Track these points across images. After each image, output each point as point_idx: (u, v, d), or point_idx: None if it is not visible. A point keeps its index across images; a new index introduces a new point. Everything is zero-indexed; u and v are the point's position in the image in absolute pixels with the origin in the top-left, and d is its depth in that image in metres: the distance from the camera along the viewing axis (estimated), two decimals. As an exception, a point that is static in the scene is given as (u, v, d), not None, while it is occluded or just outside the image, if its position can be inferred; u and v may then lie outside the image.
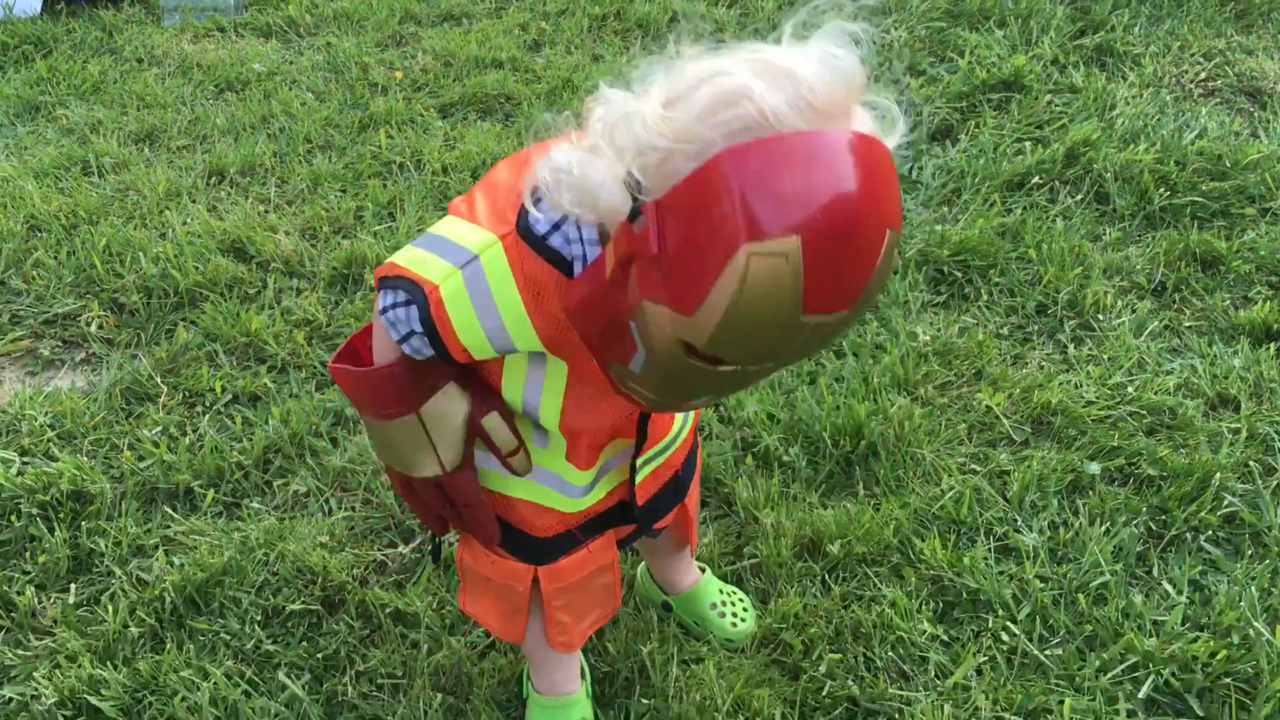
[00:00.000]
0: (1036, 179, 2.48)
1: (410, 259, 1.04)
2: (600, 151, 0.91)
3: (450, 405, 1.14)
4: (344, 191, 2.57)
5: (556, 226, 0.99)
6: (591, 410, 1.17)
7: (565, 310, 1.00)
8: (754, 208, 0.82)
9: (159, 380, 2.08)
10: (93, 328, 2.22)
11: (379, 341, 1.13)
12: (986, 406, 1.95)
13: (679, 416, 1.34)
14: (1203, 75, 2.82)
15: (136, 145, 2.75)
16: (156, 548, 1.75)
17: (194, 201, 2.53)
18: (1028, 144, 2.61)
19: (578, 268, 1.00)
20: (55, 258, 2.37)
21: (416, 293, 1.03)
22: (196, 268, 2.31)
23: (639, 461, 1.28)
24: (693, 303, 0.86)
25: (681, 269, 0.86)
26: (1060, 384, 1.99)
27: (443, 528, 1.27)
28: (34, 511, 1.80)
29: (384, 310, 1.07)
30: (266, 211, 2.51)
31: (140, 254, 2.34)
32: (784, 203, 0.82)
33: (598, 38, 3.19)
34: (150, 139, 2.78)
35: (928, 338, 2.11)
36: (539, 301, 1.02)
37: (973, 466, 1.86)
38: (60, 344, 2.21)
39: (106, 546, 1.75)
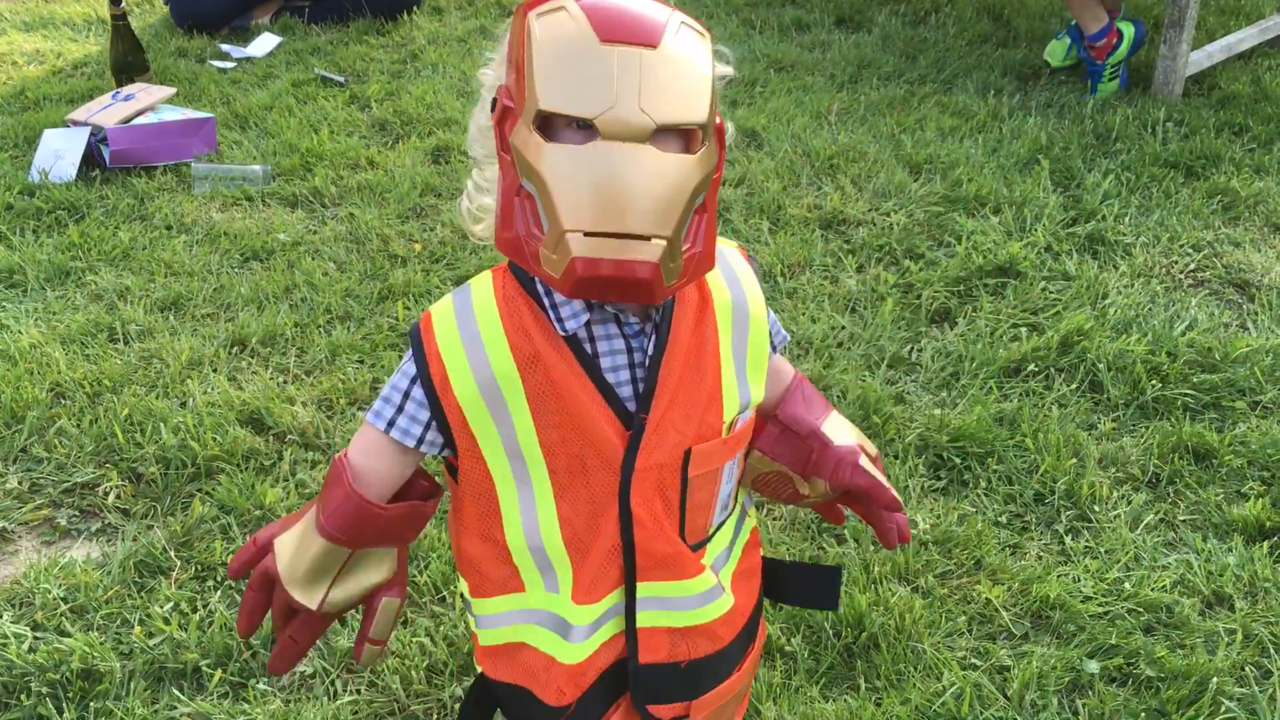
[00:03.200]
0: (1032, 366, 2.56)
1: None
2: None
3: (377, 564, 1.20)
4: (361, 363, 2.65)
5: None
6: (580, 501, 1.14)
7: (500, 246, 1.08)
8: (532, 2, 1.04)
9: (172, 554, 2.11)
10: (110, 498, 2.26)
11: (363, 461, 1.17)
12: (986, 599, 1.98)
13: (717, 573, 1.22)
14: (1192, 266, 2.92)
15: (162, 313, 2.85)
16: None
17: (215, 371, 2.61)
18: (1023, 330, 2.70)
19: (554, 310, 1.12)
20: (78, 426, 2.43)
21: (413, 333, 1.14)
22: (215, 439, 2.37)
23: (641, 594, 1.17)
24: (523, 88, 1.02)
25: (511, 81, 1.06)
26: (1058, 577, 2.03)
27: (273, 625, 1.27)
28: (44, 690, 1.82)
29: (380, 398, 1.16)
30: (285, 382, 2.58)
31: (161, 424, 2.41)
32: None
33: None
34: (176, 307, 2.88)
35: (927, 525, 2.15)
36: (512, 313, 1.11)
37: (973, 661, 1.88)
38: (77, 513, 2.25)
39: (113, 728, 1.76)
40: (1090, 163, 3.42)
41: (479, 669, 1.29)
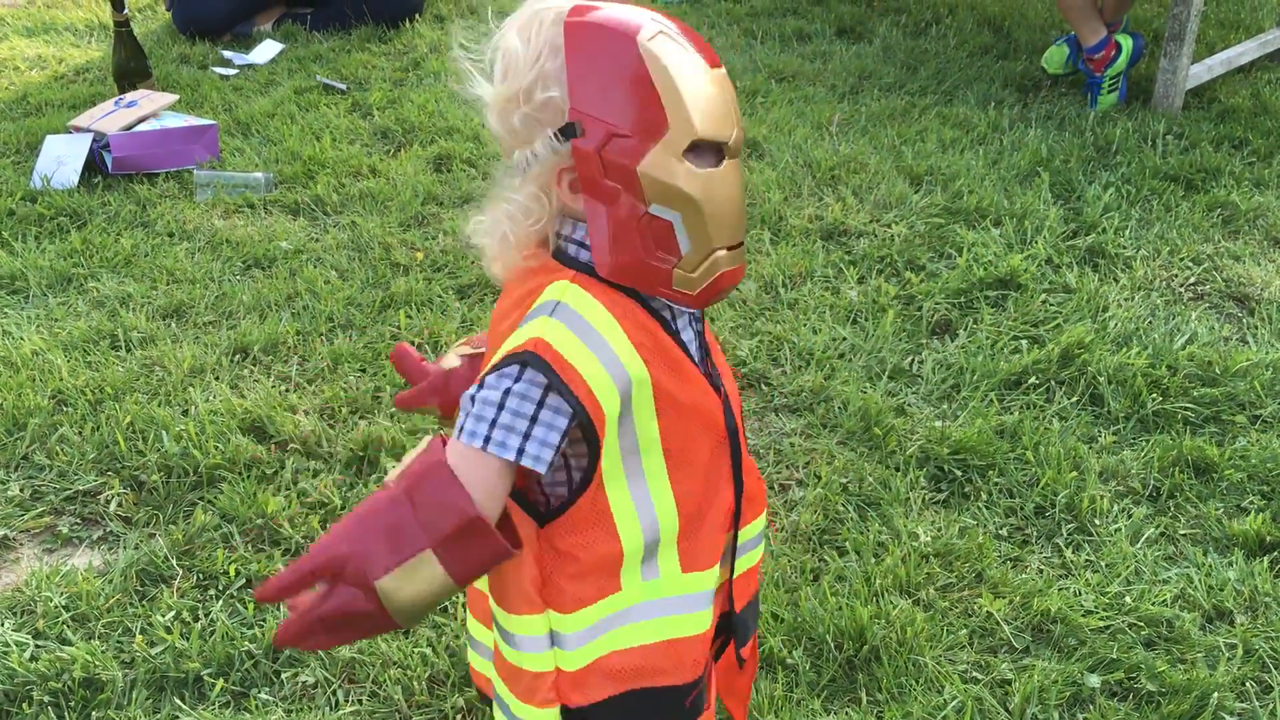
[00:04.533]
0: (1033, 379, 2.57)
1: (514, 338, 1.09)
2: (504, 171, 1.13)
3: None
4: (363, 371, 2.66)
5: (586, 245, 1.12)
6: (695, 486, 1.19)
7: (610, 273, 1.09)
8: (617, 21, 1.06)
9: (174, 562, 2.11)
10: (112, 506, 2.27)
11: (492, 501, 1.09)
12: (987, 612, 1.99)
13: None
14: (1192, 279, 2.93)
15: (164, 320, 2.85)
16: None
17: (217, 379, 2.61)
18: (1024, 342, 2.70)
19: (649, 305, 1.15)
20: (79, 433, 2.43)
21: (525, 357, 1.06)
22: (217, 447, 2.37)
23: (742, 538, 1.28)
24: (658, 113, 1.05)
25: (630, 108, 1.05)
26: (1059, 590, 2.03)
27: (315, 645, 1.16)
28: (46, 699, 1.82)
29: (487, 424, 1.06)
30: (287, 390, 2.59)
31: (163, 432, 2.41)
32: (627, 11, 1.07)
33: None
34: (178, 314, 2.88)
35: (929, 538, 2.15)
36: (626, 315, 1.11)
37: (974, 674, 1.88)
38: (79, 521, 2.25)
39: (115, 737, 1.76)
40: (1090, 175, 3.43)
41: (559, 707, 1.21)
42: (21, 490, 2.30)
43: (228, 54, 4.64)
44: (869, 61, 4.39)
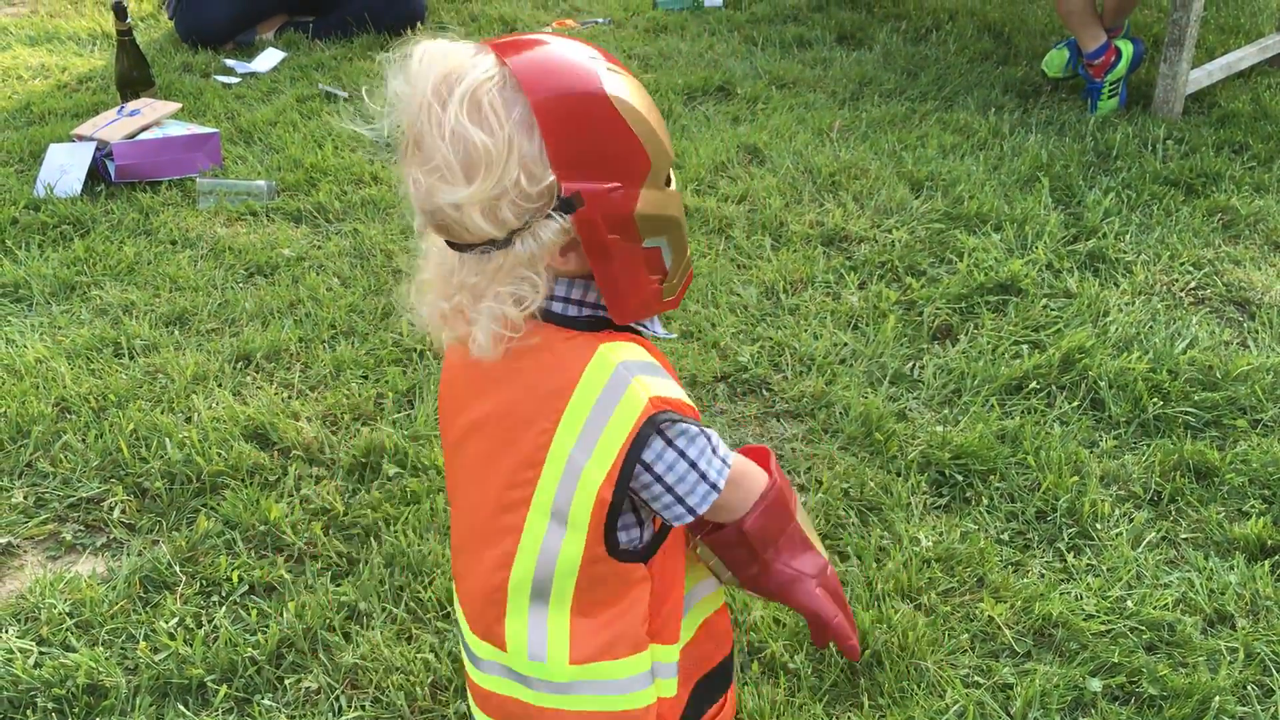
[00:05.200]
0: (1034, 383, 2.57)
1: (614, 419, 1.09)
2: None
3: None
4: (365, 378, 2.66)
5: (570, 300, 1.14)
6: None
7: (626, 319, 1.13)
8: (574, 79, 1.04)
9: (178, 569, 2.12)
10: (115, 513, 2.27)
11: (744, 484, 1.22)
12: (989, 617, 1.99)
13: None
14: (1193, 284, 2.94)
15: (167, 328, 2.86)
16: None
17: (220, 386, 2.62)
18: (1024, 347, 2.71)
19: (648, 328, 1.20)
20: (83, 440, 2.44)
21: (665, 417, 1.10)
22: (220, 454, 2.38)
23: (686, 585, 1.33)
24: (641, 155, 1.06)
25: (617, 161, 1.05)
26: (1061, 595, 2.04)
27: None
28: (49, 706, 1.83)
29: (709, 464, 1.14)
30: (290, 397, 2.59)
31: (166, 439, 2.42)
32: (567, 58, 1.05)
33: (612, 230, 3.33)
34: (181, 322, 2.89)
35: (930, 543, 2.16)
36: (652, 350, 1.16)
37: (976, 679, 1.89)
38: (83, 528, 2.26)
39: (118, 743, 1.77)
40: (1091, 180, 3.44)
41: None
42: (25, 497, 2.31)
43: (230, 62, 4.66)
44: (869, 68, 4.40)
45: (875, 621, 1.96)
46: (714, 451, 1.15)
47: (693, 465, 1.12)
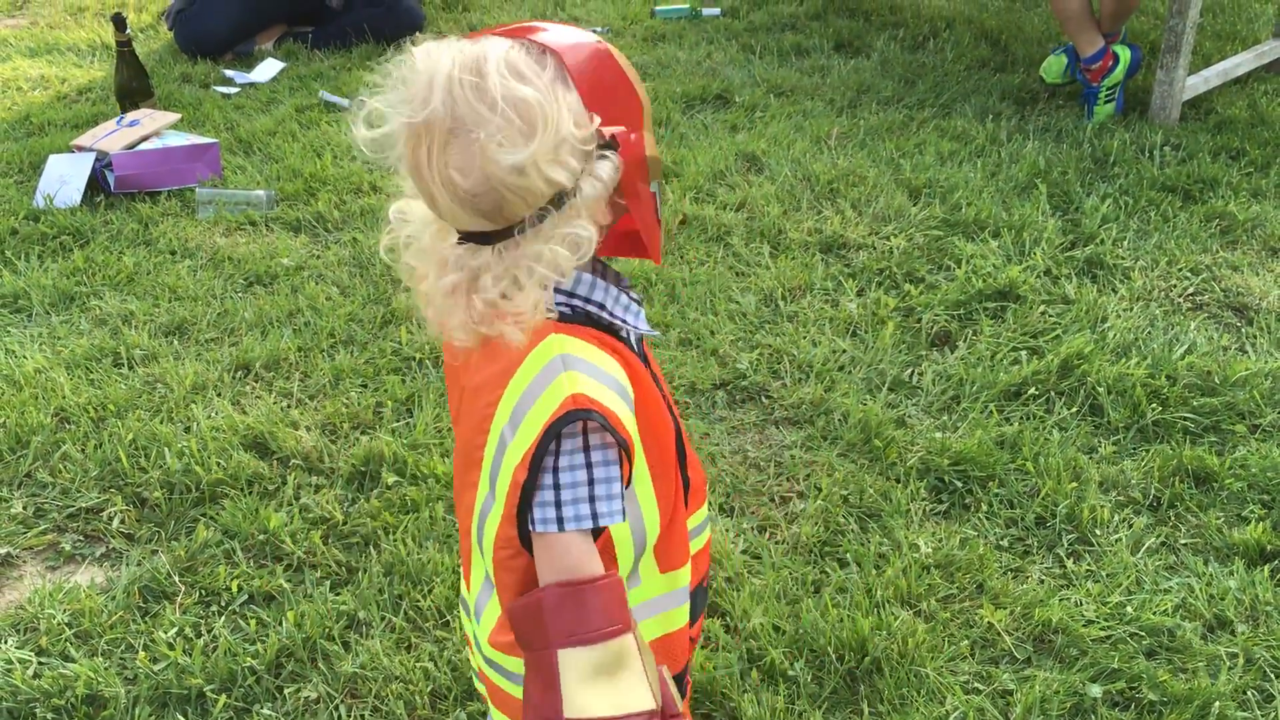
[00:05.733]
0: (1033, 390, 2.57)
1: (537, 405, 1.09)
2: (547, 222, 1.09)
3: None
4: (364, 387, 2.66)
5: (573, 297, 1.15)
6: (670, 481, 1.24)
7: (660, 256, 1.19)
8: (571, 37, 1.10)
9: (177, 579, 2.12)
10: (114, 523, 2.27)
11: (568, 543, 1.10)
12: (988, 623, 1.99)
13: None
14: (1191, 290, 2.94)
15: (166, 338, 2.86)
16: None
17: (219, 395, 2.62)
18: (1023, 353, 2.71)
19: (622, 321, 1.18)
20: (82, 450, 2.44)
21: (583, 415, 1.07)
22: (219, 464, 2.38)
23: (690, 525, 1.31)
24: (636, 101, 1.14)
25: (629, 108, 1.13)
26: (1060, 600, 2.03)
27: None
28: (49, 716, 1.83)
29: (568, 504, 1.09)
30: (289, 406, 2.59)
31: (165, 449, 2.42)
32: (550, 26, 1.11)
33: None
34: (180, 331, 2.89)
35: (930, 549, 2.16)
36: (602, 345, 1.14)
37: (976, 685, 1.89)
38: (82, 538, 2.26)
39: (118, 753, 1.76)
40: (1088, 186, 3.44)
41: None
42: (24, 508, 2.31)
43: (229, 73, 4.67)
44: (867, 75, 4.41)
45: (875, 628, 1.95)
46: (612, 496, 1.10)
47: (590, 483, 1.10)
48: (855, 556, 2.15)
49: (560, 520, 1.09)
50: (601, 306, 1.15)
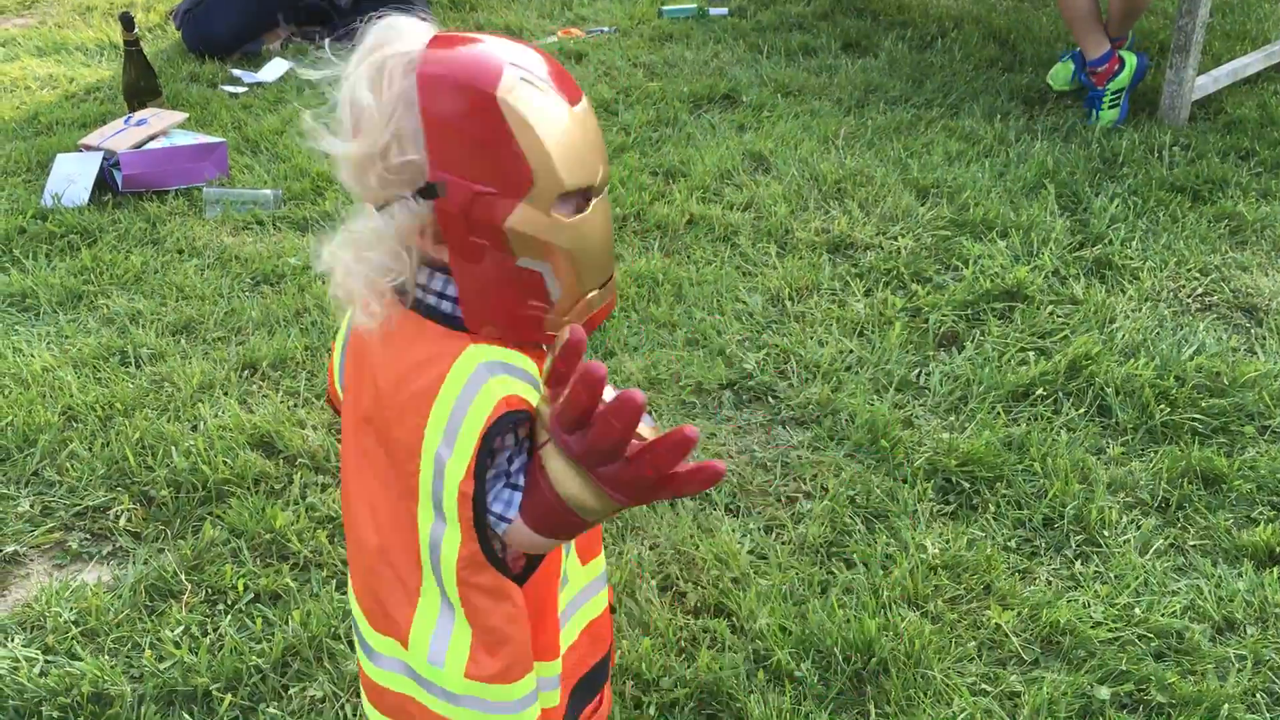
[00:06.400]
0: (1040, 390, 2.56)
1: (469, 415, 1.08)
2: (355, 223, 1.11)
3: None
4: (370, 387, 2.66)
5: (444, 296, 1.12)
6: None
7: (478, 327, 1.09)
8: (472, 72, 1.02)
9: (183, 577, 2.12)
10: (121, 521, 2.27)
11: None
12: (996, 624, 1.98)
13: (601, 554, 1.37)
14: (1200, 290, 2.93)
15: (174, 336, 2.87)
16: (173, 754, 1.77)
17: (226, 394, 2.62)
18: (1031, 354, 2.70)
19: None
20: (89, 449, 2.44)
21: (513, 417, 1.08)
22: (226, 462, 2.38)
23: (564, 599, 1.28)
24: (523, 169, 1.03)
25: (494, 166, 1.02)
26: (1068, 602, 2.03)
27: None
28: (55, 714, 1.83)
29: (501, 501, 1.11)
30: (296, 405, 2.59)
31: (172, 447, 2.42)
32: (482, 55, 1.04)
33: (618, 237, 3.34)
34: (187, 330, 2.90)
35: (936, 550, 2.15)
36: (523, 349, 1.13)
37: (983, 687, 1.88)
38: (89, 537, 2.26)
39: (124, 752, 1.76)
40: (1097, 187, 3.43)
41: None
42: (32, 506, 2.32)
43: (237, 72, 4.67)
44: (875, 75, 4.40)
45: (882, 629, 1.95)
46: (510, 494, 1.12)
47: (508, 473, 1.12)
48: (862, 557, 2.14)
49: (500, 518, 1.12)
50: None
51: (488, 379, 1.09)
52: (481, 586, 1.14)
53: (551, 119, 1.04)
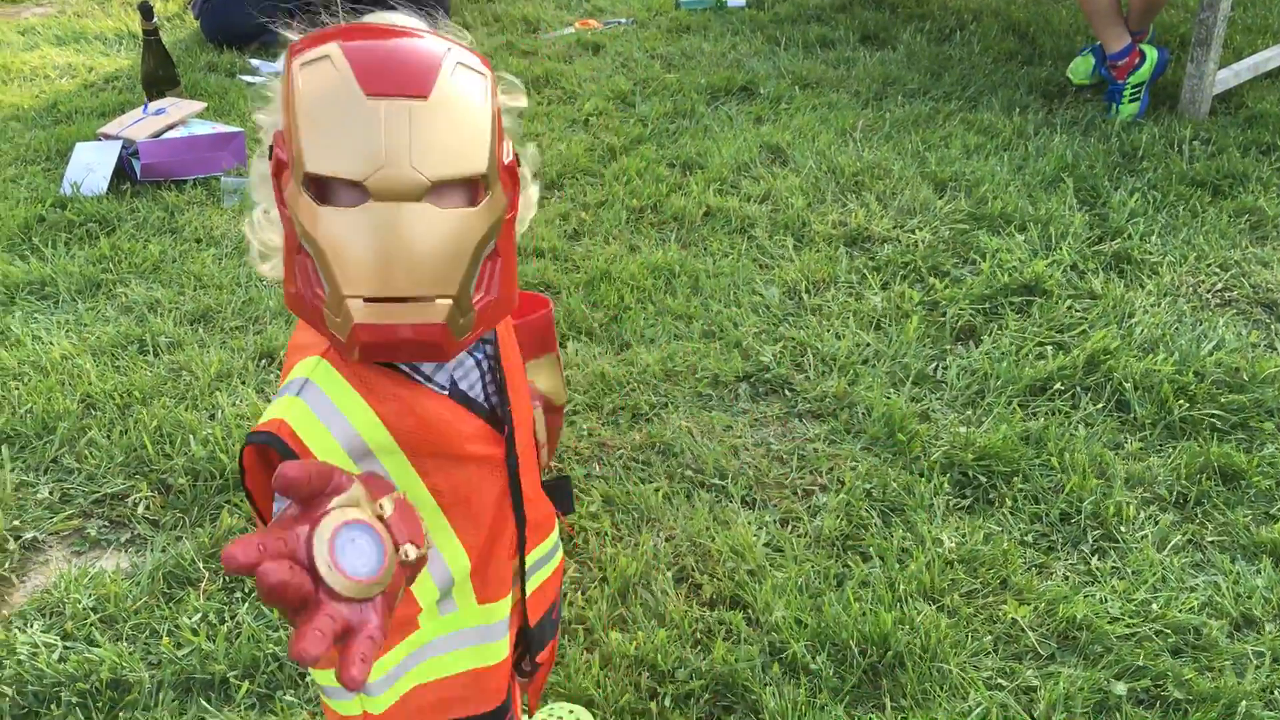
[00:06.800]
0: (1058, 385, 2.55)
1: (260, 423, 1.07)
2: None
3: None
4: (387, 376, 2.67)
5: None
6: (484, 521, 1.19)
7: (288, 303, 1.05)
8: (300, 44, 1.01)
9: (201, 565, 2.13)
10: (140, 509, 2.29)
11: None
12: (1012, 619, 1.98)
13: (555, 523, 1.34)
14: (1219, 285, 2.91)
15: (192, 325, 2.88)
16: (190, 740, 1.78)
17: (244, 383, 2.63)
18: (1049, 348, 2.69)
19: (418, 371, 1.11)
20: (108, 437, 2.45)
21: (267, 439, 1.03)
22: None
23: (530, 561, 1.27)
24: (296, 145, 0.98)
25: (288, 134, 1.00)
26: (1085, 597, 2.02)
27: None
28: (74, 700, 1.84)
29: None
30: (312, 395, 2.60)
31: (190, 436, 2.43)
32: (329, 32, 1.01)
33: (635, 229, 3.33)
34: (205, 319, 2.91)
35: (953, 544, 2.15)
36: (371, 390, 1.07)
37: (999, 681, 1.88)
38: (107, 524, 2.27)
39: (142, 737, 1.78)
40: (1116, 181, 3.41)
41: None
42: (51, 493, 2.33)
43: (255, 62, 4.68)
44: (893, 68, 4.38)
45: (898, 622, 1.95)
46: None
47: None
48: (878, 550, 2.14)
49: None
50: None
51: (289, 394, 1.06)
52: None
53: (326, 99, 0.96)
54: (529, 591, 1.30)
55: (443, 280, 0.98)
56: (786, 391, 2.62)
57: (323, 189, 0.98)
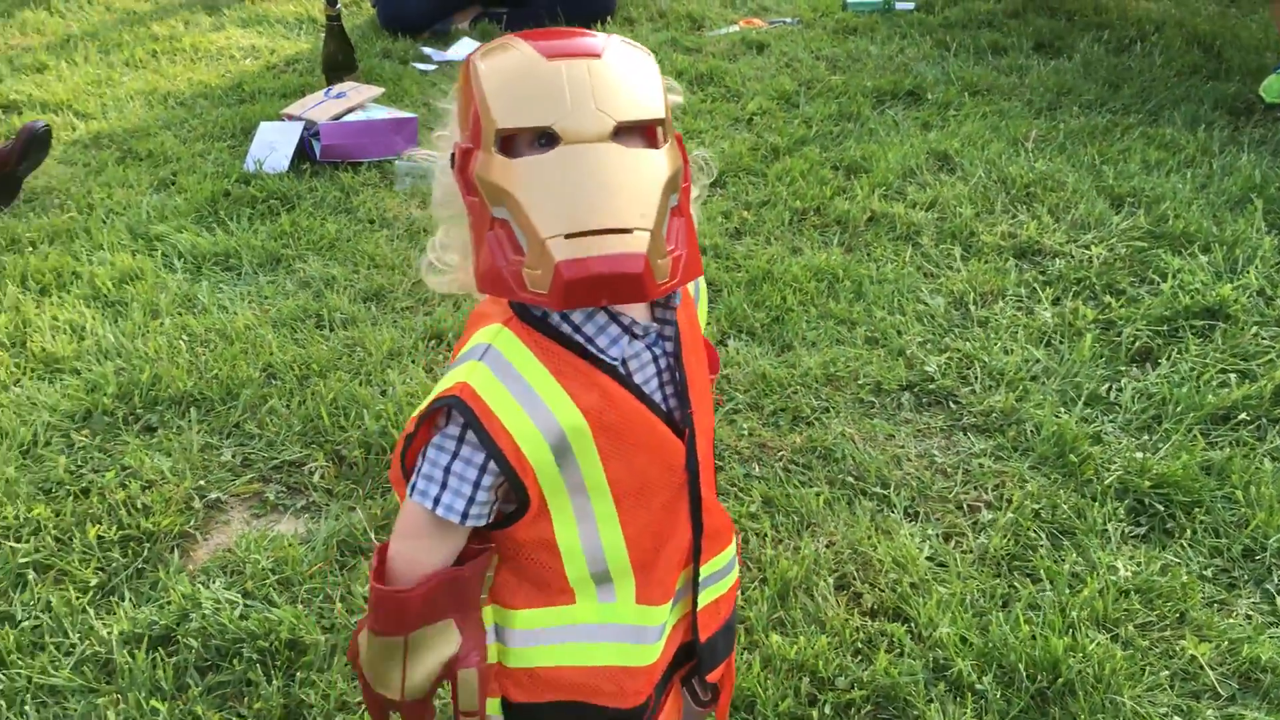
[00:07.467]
0: (1243, 414, 2.44)
1: (444, 379, 1.10)
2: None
3: (440, 641, 1.15)
4: (551, 364, 2.71)
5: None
6: (650, 526, 1.19)
7: (480, 286, 1.05)
8: (479, 50, 1.08)
9: (373, 536, 2.20)
10: (315, 477, 2.37)
11: (409, 546, 1.14)
12: (1191, 655, 1.90)
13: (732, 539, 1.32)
14: None
15: (365, 303, 2.97)
16: (360, 705, 1.84)
17: (413, 362, 2.71)
18: (1233, 376, 2.57)
19: (591, 343, 1.11)
20: (287, 406, 2.55)
21: (450, 401, 1.06)
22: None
23: (701, 577, 1.26)
24: (481, 120, 1.03)
25: (469, 122, 1.06)
26: (1270, 639, 1.93)
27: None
28: (254, 657, 1.92)
29: (422, 476, 1.10)
30: (479, 378, 2.65)
31: (364, 410, 2.51)
32: (505, 39, 1.08)
33: (797, 230, 3.31)
34: (378, 298, 3.00)
35: (1128, 573, 2.07)
36: (553, 358, 1.09)
37: (1175, 719, 1.80)
38: (285, 490, 2.36)
39: (315, 699, 1.84)
40: (1309, 204, 3.25)
41: (500, 699, 1.25)
42: (233, 456, 2.43)
43: (427, 50, 4.80)
44: (1068, 77, 4.25)
45: (1069, 649, 1.89)
46: (458, 493, 1.10)
47: (447, 470, 1.09)
48: (1048, 573, 2.08)
49: (413, 488, 1.12)
50: (566, 319, 1.11)
51: (473, 359, 1.09)
52: None
53: (509, 68, 1.04)
54: (701, 604, 1.28)
55: (638, 212, 1.00)
56: (951, 404, 2.57)
57: (513, 151, 1.03)
